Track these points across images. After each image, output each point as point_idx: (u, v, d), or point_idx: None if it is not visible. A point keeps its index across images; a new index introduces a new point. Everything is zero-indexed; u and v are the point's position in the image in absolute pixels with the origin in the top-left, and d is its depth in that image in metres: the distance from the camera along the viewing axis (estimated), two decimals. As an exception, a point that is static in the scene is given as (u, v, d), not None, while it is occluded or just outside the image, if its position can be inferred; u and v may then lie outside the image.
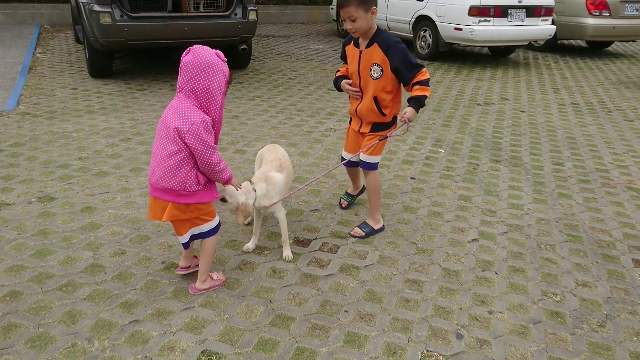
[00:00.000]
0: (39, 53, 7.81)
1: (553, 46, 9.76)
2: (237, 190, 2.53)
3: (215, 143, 2.22)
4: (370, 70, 2.79)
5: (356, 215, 3.32)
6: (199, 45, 2.14)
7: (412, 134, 4.87)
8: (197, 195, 2.23)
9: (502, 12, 7.77)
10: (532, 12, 8.03)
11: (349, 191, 3.46)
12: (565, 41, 10.79)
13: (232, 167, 3.96)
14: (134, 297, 2.42)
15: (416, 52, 8.81)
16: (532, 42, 8.58)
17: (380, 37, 2.74)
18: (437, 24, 8.12)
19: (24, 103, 5.35)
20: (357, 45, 2.84)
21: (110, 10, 5.70)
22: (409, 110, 2.74)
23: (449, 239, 3.06)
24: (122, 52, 7.21)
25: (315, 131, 4.90)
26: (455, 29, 7.83)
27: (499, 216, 3.36)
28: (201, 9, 6.44)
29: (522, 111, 5.84)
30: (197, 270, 2.50)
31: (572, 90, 6.96)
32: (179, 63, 2.16)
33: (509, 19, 7.89)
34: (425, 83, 2.73)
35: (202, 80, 2.08)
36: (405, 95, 2.82)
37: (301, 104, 5.79)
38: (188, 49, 2.11)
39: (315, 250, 2.89)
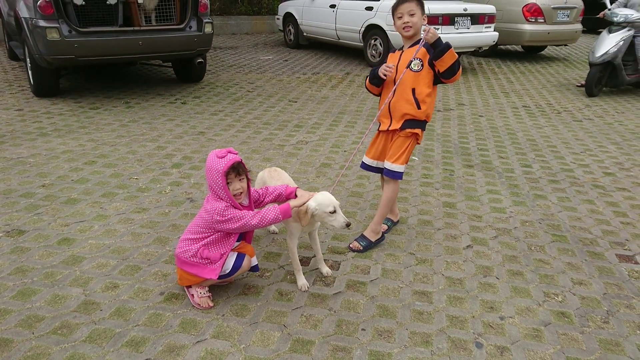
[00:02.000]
0: (-29, 72, 7.25)
1: (493, 51, 10.22)
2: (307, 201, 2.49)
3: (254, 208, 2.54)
4: (410, 63, 2.81)
5: (349, 228, 3.28)
6: (210, 153, 2.43)
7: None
8: (196, 268, 2.42)
9: (449, 20, 8.05)
10: (477, 19, 8.37)
11: (390, 216, 3.31)
12: (503, 46, 11.32)
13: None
14: (139, 334, 2.26)
15: (367, 61, 8.94)
16: (477, 49, 8.94)
17: (425, 44, 2.80)
18: (388, 32, 8.28)
19: (-34, 128, 4.93)
20: (400, 49, 2.94)
21: (58, 25, 5.38)
22: (432, 30, 2.69)
23: (444, 247, 3.09)
24: (68, 69, 6.81)
25: (286, 144, 4.83)
26: (406, 37, 8.00)
27: (486, 221, 3.44)
28: (153, 22, 6.21)
29: (480, 116, 6.05)
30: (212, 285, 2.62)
31: (520, 93, 7.30)
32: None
33: (456, 27, 8.18)
34: (454, 53, 2.71)
35: (207, 179, 2.41)
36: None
37: (266, 117, 5.70)
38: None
39: (316, 269, 2.83)
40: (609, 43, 6.77)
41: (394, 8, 2.83)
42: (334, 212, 2.45)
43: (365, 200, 3.70)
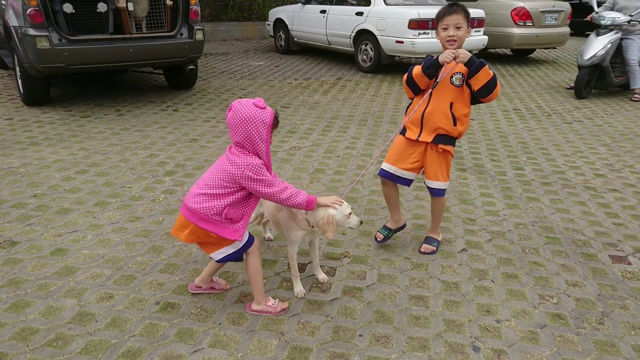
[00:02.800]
0: (-40, 82, 7.19)
1: (483, 55, 10.29)
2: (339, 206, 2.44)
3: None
4: (452, 77, 2.73)
5: (343, 234, 3.29)
6: (237, 101, 2.21)
7: (376, 148, 4.93)
8: (217, 226, 2.24)
9: (439, 24, 8.09)
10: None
11: (388, 225, 3.18)
12: (492, 50, 11.41)
13: (204, 194, 3.81)
14: (135, 345, 2.24)
15: (358, 66, 8.97)
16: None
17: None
18: (378, 37, 8.32)
19: (-45, 138, 4.88)
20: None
21: (48, 34, 5.36)
22: (463, 52, 2.61)
23: (439, 251, 3.10)
24: (58, 77, 6.77)
25: (279, 150, 4.83)
26: (397, 42, 8.06)
27: (480, 224, 3.46)
28: (144, 30, 6.20)
29: (471, 119, 6.08)
30: (209, 293, 2.62)
31: (511, 96, 7.36)
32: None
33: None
34: (490, 70, 2.67)
35: (243, 131, 2.19)
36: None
37: (258, 123, 5.69)
38: (229, 106, 2.23)
39: (312, 275, 2.83)
40: (597, 46, 6.84)
41: (439, 17, 2.71)
42: (350, 214, 2.46)
43: (360, 206, 3.70)
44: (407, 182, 3.01)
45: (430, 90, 2.78)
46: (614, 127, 5.84)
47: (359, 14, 8.64)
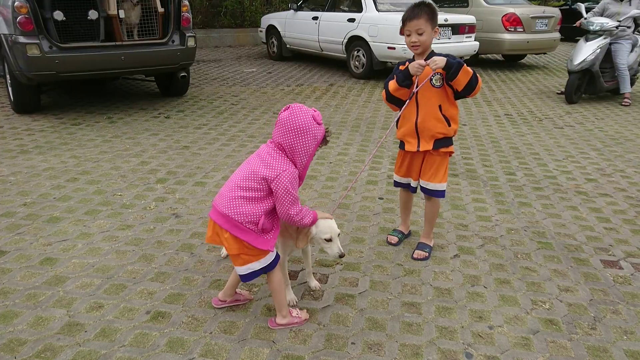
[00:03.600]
0: (-50, 89, 7.13)
1: (475, 61, 10.36)
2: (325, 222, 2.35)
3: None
4: (432, 80, 2.70)
5: (341, 260, 3.27)
6: (298, 105, 2.16)
7: (368, 154, 4.94)
8: (250, 235, 2.18)
9: (430, 30, 8.13)
10: (457, 29, 8.49)
11: (401, 228, 3.28)
12: (484, 55, 11.48)
13: (195, 201, 3.79)
14: (125, 355, 2.22)
15: (351, 72, 8.99)
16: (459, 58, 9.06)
17: (436, 54, 2.67)
18: (370, 43, 8.35)
19: (-56, 146, 4.83)
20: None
21: (38, 41, 5.33)
22: (437, 58, 2.56)
23: (432, 257, 3.10)
24: (49, 85, 6.73)
25: (272, 157, 4.82)
26: (389, 48, 8.09)
27: (472, 229, 3.46)
28: (136, 37, 6.18)
29: (463, 124, 6.10)
30: (235, 305, 2.58)
31: (502, 102, 7.40)
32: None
33: (437, 37, 8.26)
34: (469, 69, 2.62)
35: (290, 139, 2.13)
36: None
37: (250, 130, 5.69)
38: (287, 105, 2.17)
39: (304, 282, 2.81)
40: (586, 51, 6.90)
41: (402, 21, 2.70)
42: (330, 240, 2.33)
43: (352, 212, 3.69)
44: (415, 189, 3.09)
45: (407, 100, 2.77)
46: (605, 132, 5.88)
47: (351, 20, 8.67)
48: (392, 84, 2.77)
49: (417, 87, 2.72)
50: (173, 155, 4.80)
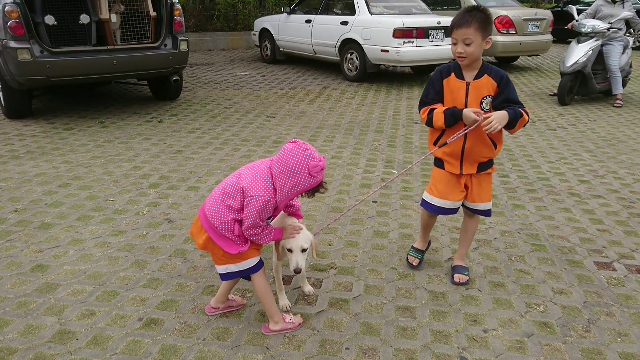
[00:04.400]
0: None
1: (468, 63, 10.38)
2: (298, 234, 2.31)
3: (263, 220, 2.22)
4: (482, 102, 2.49)
5: (330, 245, 3.27)
6: (304, 146, 2.10)
7: (362, 157, 4.93)
8: (224, 240, 2.22)
9: (423, 33, 8.16)
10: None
11: (417, 246, 3.07)
12: (476, 57, 11.52)
13: (188, 206, 3.77)
14: (117, 363, 2.20)
15: (344, 75, 9.00)
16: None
17: (491, 69, 2.50)
18: (363, 46, 8.36)
19: None
20: (460, 77, 2.52)
21: (29, 46, 5.29)
22: (498, 112, 2.38)
23: (426, 260, 3.09)
24: (41, 89, 6.69)
25: (265, 161, 4.80)
26: (382, 50, 8.10)
27: (466, 232, 3.46)
28: (119, 42, 6.14)
29: (457, 127, 6.10)
30: (228, 311, 2.55)
31: (495, 103, 7.41)
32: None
33: (430, 40, 8.30)
34: (524, 110, 2.46)
35: (278, 170, 2.13)
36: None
37: (244, 134, 5.67)
38: (295, 139, 2.14)
39: (298, 287, 2.80)
40: (578, 53, 6.94)
41: (451, 27, 2.47)
42: (290, 251, 2.30)
43: (346, 216, 3.68)
44: (456, 210, 2.80)
45: (455, 137, 2.53)
46: (597, 133, 5.91)
47: (344, 23, 8.68)
48: (438, 120, 2.53)
49: (466, 129, 2.51)
50: (166, 159, 4.77)
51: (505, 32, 9.67)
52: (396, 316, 2.57)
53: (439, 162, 2.74)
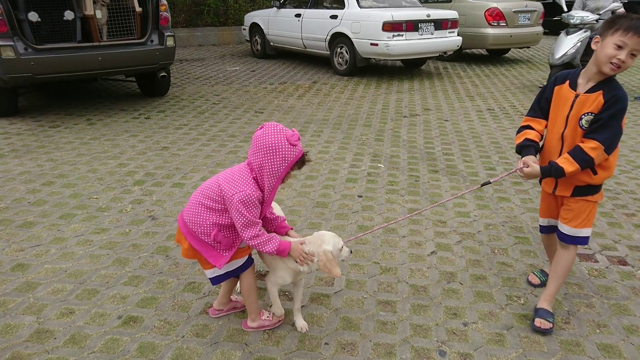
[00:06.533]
0: None
1: (459, 55, 10.38)
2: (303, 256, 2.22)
3: (260, 218, 2.16)
4: (581, 119, 2.23)
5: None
6: (272, 124, 2.09)
7: (349, 151, 4.92)
8: (204, 246, 2.18)
9: (413, 26, 8.14)
10: (440, 25, 8.49)
11: (547, 270, 2.84)
12: (468, 50, 11.51)
13: (172, 203, 3.75)
14: (94, 362, 2.19)
15: (334, 69, 8.97)
16: (442, 53, 9.07)
17: (612, 85, 2.20)
18: (353, 40, 8.33)
19: None
20: (574, 87, 2.30)
21: (12, 43, 5.24)
22: (532, 167, 2.29)
23: (409, 255, 3.09)
24: (26, 87, 6.64)
25: (252, 156, 4.78)
26: (371, 44, 8.07)
27: (450, 226, 3.46)
28: (105, 38, 6.08)
29: (445, 120, 6.11)
30: (230, 314, 2.52)
31: (485, 96, 7.42)
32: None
33: (420, 33, 8.27)
34: (580, 157, 2.19)
35: (259, 158, 2.08)
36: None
37: (231, 129, 5.65)
38: (263, 124, 2.11)
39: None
40: (567, 44, 6.93)
41: (619, 28, 2.09)
42: (342, 247, 2.26)
43: (331, 211, 3.67)
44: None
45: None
46: (585, 125, 5.90)
47: (334, 17, 8.64)
48: (517, 144, 2.49)
49: (509, 173, 2.57)
50: (152, 156, 4.75)
51: (495, 24, 9.65)
52: (377, 310, 2.57)
53: (540, 179, 2.51)
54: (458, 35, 9.01)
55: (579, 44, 6.91)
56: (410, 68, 9.72)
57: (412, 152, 4.94)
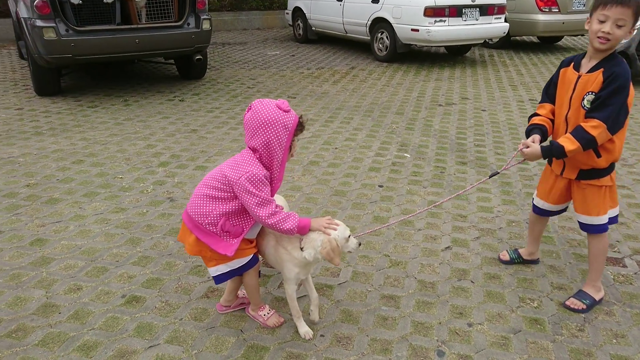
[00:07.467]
0: (-20, 72, 7.39)
1: (507, 43, 9.94)
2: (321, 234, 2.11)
3: (267, 194, 2.06)
4: (583, 99, 2.23)
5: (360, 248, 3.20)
6: (258, 101, 2.05)
7: (376, 140, 4.81)
8: (211, 238, 2.10)
9: (456, 11, 7.84)
10: (486, 10, 8.14)
11: (520, 252, 2.85)
12: (517, 38, 11.01)
13: (192, 185, 3.78)
14: (92, 338, 2.24)
15: (374, 55, 8.80)
16: (487, 40, 8.72)
17: (612, 63, 2.19)
18: (394, 25, 8.12)
19: (-36, 127, 5.01)
20: (577, 68, 2.31)
21: (55, 25, 5.42)
22: (532, 147, 2.32)
23: (422, 249, 2.99)
24: (69, 67, 6.87)
25: (278, 142, 4.76)
26: (412, 30, 7.85)
27: (470, 221, 3.32)
28: (150, 20, 6.19)
29: (483, 110, 5.87)
30: (239, 309, 2.47)
31: (529, 86, 7.07)
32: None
33: (464, 19, 7.97)
34: (581, 135, 2.18)
35: (261, 137, 2.01)
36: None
37: (262, 114, 5.63)
38: (250, 105, 2.06)
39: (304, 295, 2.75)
40: (622, 33, 6.48)
41: (599, 3, 2.14)
42: (350, 236, 2.18)
43: (348, 200, 3.60)
44: (559, 213, 2.68)
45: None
46: (635, 119, 5.53)
47: (375, 1, 8.44)
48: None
49: (512, 157, 2.54)
50: (180, 138, 4.81)
51: (547, 10, 9.15)
52: (379, 305, 2.50)
53: (550, 160, 2.54)
54: (505, 21, 8.62)
55: (634, 33, 6.44)
56: (454, 55, 9.39)
57: (442, 142, 4.78)
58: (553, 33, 9.71)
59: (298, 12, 10.65)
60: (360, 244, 2.24)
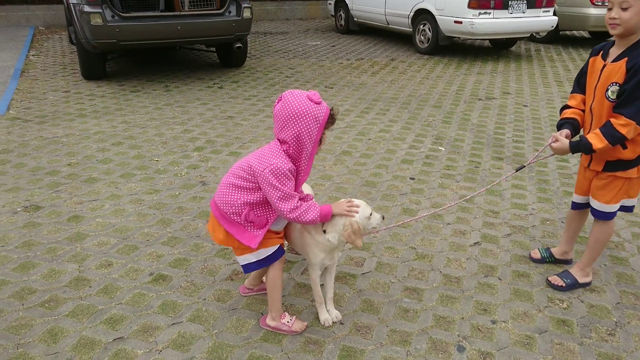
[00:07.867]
0: (33, 55, 7.70)
1: (555, 37, 9.58)
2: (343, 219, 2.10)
3: (296, 191, 2.05)
4: (607, 90, 2.19)
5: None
6: (289, 92, 1.99)
7: (411, 132, 4.75)
8: (236, 228, 2.08)
9: (502, 3, 7.61)
10: (534, 3, 7.86)
11: (553, 251, 2.77)
12: (567, 32, 10.59)
13: (224, 170, 3.82)
14: (119, 312, 2.31)
15: (416, 47, 8.66)
16: (534, 34, 8.42)
17: (637, 52, 2.11)
18: (437, 17, 7.96)
19: (14, 108, 5.24)
20: (605, 57, 2.25)
21: (101, 10, 5.58)
22: (561, 142, 2.29)
23: (449, 243, 2.94)
24: (115, 53, 7.08)
25: (311, 131, 4.77)
26: (455, 22, 7.67)
27: (502, 217, 3.24)
28: (193, 7, 6.29)
29: (524, 105, 5.69)
30: (260, 293, 2.46)
31: (576, 82, 6.80)
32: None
33: (510, 11, 7.72)
34: (610, 133, 2.15)
35: (290, 129, 1.97)
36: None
37: (298, 103, 5.65)
38: (280, 96, 2.01)
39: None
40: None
41: None
42: (371, 214, 2.16)
43: (378, 191, 3.58)
44: (586, 207, 2.58)
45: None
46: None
47: (418, -8, 8.30)
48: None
49: (542, 149, 2.60)
50: (216, 124, 4.89)
51: (599, 3, 8.76)
52: (401, 296, 2.47)
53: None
54: (554, 14, 8.31)
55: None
56: (498, 49, 9.13)
57: (479, 136, 4.67)
58: (605, 28, 9.27)
59: (340, 2, 10.59)
60: (383, 217, 2.21)
